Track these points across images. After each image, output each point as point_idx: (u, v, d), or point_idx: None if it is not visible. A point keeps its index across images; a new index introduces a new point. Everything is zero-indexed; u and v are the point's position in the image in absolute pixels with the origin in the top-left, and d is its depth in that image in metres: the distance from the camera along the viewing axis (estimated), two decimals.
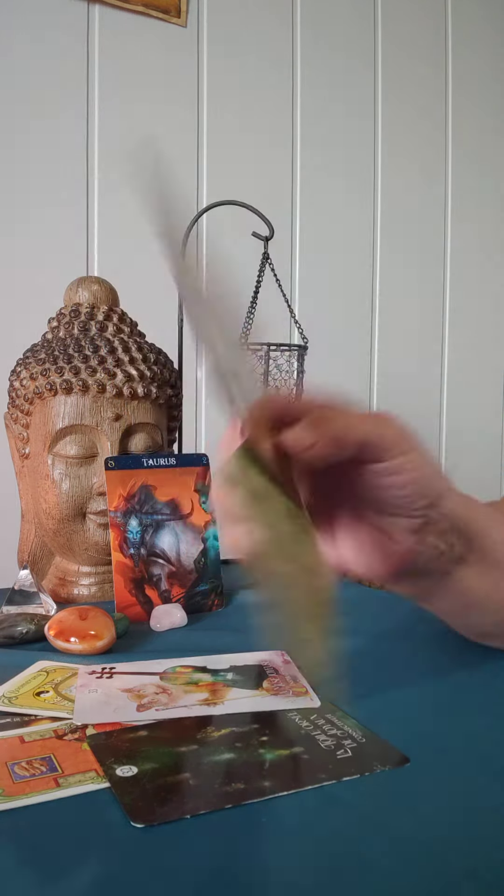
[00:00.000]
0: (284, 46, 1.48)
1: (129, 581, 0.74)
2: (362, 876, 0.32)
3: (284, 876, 0.32)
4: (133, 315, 0.89)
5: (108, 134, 1.29)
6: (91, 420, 0.77)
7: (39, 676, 0.56)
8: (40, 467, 0.79)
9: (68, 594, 0.80)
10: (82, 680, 0.55)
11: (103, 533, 0.77)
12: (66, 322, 0.83)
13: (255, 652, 0.61)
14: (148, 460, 0.77)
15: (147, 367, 0.81)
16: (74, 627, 0.61)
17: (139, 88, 1.32)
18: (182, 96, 1.37)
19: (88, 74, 1.27)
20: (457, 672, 0.58)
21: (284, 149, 1.49)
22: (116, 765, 0.42)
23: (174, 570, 0.76)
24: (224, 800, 0.38)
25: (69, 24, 1.25)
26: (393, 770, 0.41)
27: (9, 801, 0.38)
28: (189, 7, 1.36)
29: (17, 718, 0.49)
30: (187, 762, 0.42)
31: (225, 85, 1.41)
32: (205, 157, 1.39)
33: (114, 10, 1.28)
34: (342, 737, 0.45)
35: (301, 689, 0.53)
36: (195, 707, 0.50)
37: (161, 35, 1.33)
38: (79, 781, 0.40)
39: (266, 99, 1.46)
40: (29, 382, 0.79)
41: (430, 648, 0.64)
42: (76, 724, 0.47)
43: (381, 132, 1.61)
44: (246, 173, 1.44)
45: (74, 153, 1.26)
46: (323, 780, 0.40)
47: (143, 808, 0.37)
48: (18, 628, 0.65)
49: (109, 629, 0.62)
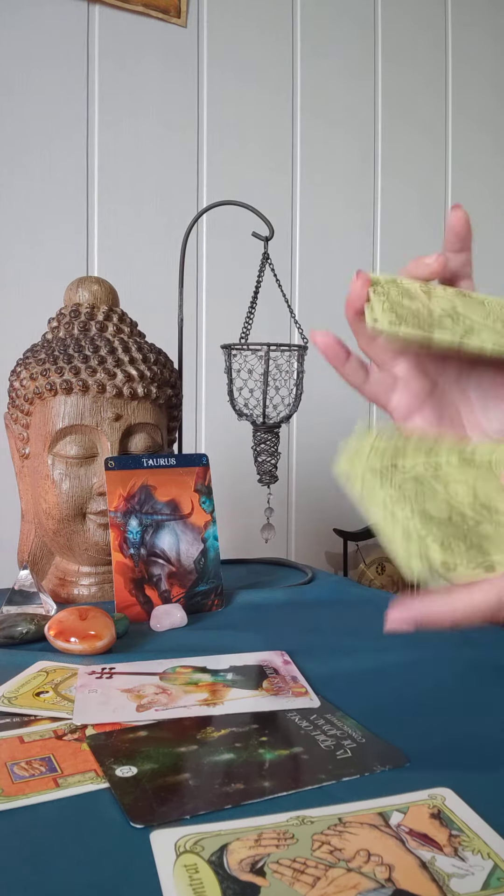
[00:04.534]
0: (284, 46, 1.48)
1: (129, 581, 0.74)
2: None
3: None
4: (133, 315, 0.89)
5: (109, 134, 1.29)
6: (91, 420, 0.77)
7: (39, 676, 0.56)
8: (40, 467, 0.79)
9: (68, 594, 0.80)
10: (82, 680, 0.55)
11: (103, 533, 0.77)
12: (66, 322, 0.83)
13: (255, 652, 0.61)
14: (148, 460, 0.77)
15: (147, 367, 0.81)
16: (74, 627, 0.61)
17: (139, 88, 1.32)
18: (182, 96, 1.37)
19: (88, 74, 1.27)
20: (457, 672, 0.58)
21: (284, 149, 1.49)
22: (116, 765, 0.42)
23: (174, 570, 0.76)
24: (224, 800, 0.38)
25: (69, 24, 1.25)
26: (393, 770, 0.41)
27: (8, 802, 0.38)
28: (189, 7, 1.36)
29: (17, 718, 0.49)
30: (187, 762, 0.42)
31: (225, 85, 1.41)
32: (205, 157, 1.39)
33: (114, 10, 1.28)
34: (342, 737, 0.45)
35: (301, 689, 0.53)
36: (195, 707, 0.50)
37: (161, 35, 1.33)
38: (78, 782, 0.40)
39: (266, 99, 1.46)
40: (29, 382, 0.79)
41: (431, 649, 0.64)
42: (76, 725, 0.47)
43: (381, 133, 1.61)
44: (246, 173, 1.44)
45: (75, 153, 1.26)
46: (323, 780, 0.40)
47: (143, 809, 0.37)
48: (18, 628, 0.65)
49: (109, 629, 0.62)
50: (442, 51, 1.69)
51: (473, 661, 0.60)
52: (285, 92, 1.49)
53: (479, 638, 0.66)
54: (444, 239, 0.44)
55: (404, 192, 1.65)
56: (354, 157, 1.58)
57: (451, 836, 0.34)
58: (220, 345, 0.91)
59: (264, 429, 0.89)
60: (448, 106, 1.71)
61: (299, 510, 1.51)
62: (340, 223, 1.57)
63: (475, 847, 0.34)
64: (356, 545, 1.55)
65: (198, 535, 0.78)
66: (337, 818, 0.36)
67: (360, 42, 1.58)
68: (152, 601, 0.74)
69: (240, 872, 0.32)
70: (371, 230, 1.61)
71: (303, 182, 1.51)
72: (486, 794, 0.38)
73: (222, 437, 1.37)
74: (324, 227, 1.54)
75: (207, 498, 0.79)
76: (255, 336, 0.95)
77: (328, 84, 1.54)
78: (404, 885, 0.31)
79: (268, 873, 0.32)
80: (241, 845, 0.34)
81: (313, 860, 0.33)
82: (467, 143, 1.73)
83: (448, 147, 1.71)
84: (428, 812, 0.36)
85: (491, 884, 0.31)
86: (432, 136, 1.69)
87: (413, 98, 1.65)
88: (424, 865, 0.32)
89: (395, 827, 0.35)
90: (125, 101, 1.31)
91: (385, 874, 0.32)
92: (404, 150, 1.65)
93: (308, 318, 1.46)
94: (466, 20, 1.72)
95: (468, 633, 0.67)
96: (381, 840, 0.34)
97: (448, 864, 0.32)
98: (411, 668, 0.58)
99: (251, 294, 0.93)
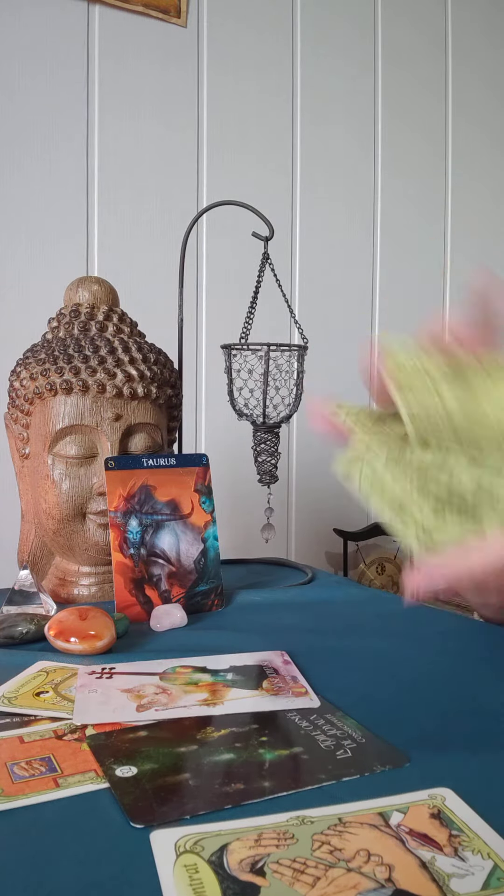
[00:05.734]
0: (284, 46, 1.48)
1: (129, 581, 0.74)
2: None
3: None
4: (133, 315, 0.89)
5: (109, 134, 1.29)
6: (91, 420, 0.77)
7: (39, 676, 0.56)
8: (40, 467, 0.79)
9: (68, 594, 0.80)
10: (82, 680, 0.55)
11: (103, 533, 0.77)
12: (66, 322, 0.83)
13: (255, 652, 0.61)
14: (148, 460, 0.77)
15: (147, 367, 0.81)
16: (74, 627, 0.61)
17: (139, 88, 1.32)
18: (182, 96, 1.37)
19: (88, 74, 1.27)
20: (458, 673, 0.58)
21: (284, 149, 1.49)
22: (116, 765, 0.42)
23: (174, 570, 0.76)
24: (224, 800, 0.38)
25: (69, 23, 1.25)
26: (393, 770, 0.41)
27: (8, 802, 0.38)
28: (189, 7, 1.36)
29: (17, 718, 0.49)
30: (187, 762, 0.42)
31: (225, 85, 1.41)
32: (205, 157, 1.39)
33: (114, 10, 1.28)
34: (342, 737, 0.45)
35: (301, 689, 0.53)
36: (195, 707, 0.50)
37: (161, 35, 1.33)
38: (78, 782, 0.40)
39: (266, 99, 1.46)
40: (29, 382, 0.79)
41: (431, 649, 0.64)
42: (76, 725, 0.47)
43: (381, 133, 1.61)
44: (246, 173, 1.44)
45: (75, 152, 1.26)
46: (322, 781, 0.40)
47: (143, 809, 0.37)
48: (18, 628, 0.65)
49: (109, 629, 0.62)
50: (442, 51, 1.69)
51: (474, 661, 0.60)
52: (285, 92, 1.49)
53: (480, 638, 0.66)
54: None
55: (404, 192, 1.65)
56: (354, 157, 1.58)
57: (451, 836, 0.34)
58: (220, 345, 0.91)
59: (264, 429, 0.89)
60: (448, 106, 1.71)
61: (299, 510, 1.51)
62: (340, 223, 1.57)
63: (475, 847, 0.34)
64: (356, 545, 1.55)
65: (198, 535, 0.78)
66: (337, 818, 0.36)
67: (360, 42, 1.58)
68: (152, 601, 0.74)
69: (240, 872, 0.32)
70: (371, 230, 1.61)
71: (303, 182, 1.51)
72: (486, 794, 0.38)
73: (222, 437, 1.37)
74: (324, 227, 1.54)
75: (207, 498, 0.79)
76: (255, 336, 0.95)
77: (328, 84, 1.54)
78: (404, 885, 0.31)
79: (268, 873, 0.32)
80: (241, 845, 0.34)
81: (313, 860, 0.33)
82: (467, 143, 1.73)
83: (448, 147, 1.71)
84: (428, 812, 0.36)
85: (491, 884, 0.31)
86: (432, 136, 1.69)
87: (413, 98, 1.65)
88: (424, 865, 0.32)
89: (395, 827, 0.35)
90: (125, 102, 1.31)
91: (385, 874, 0.32)
92: (404, 150, 1.65)
93: (308, 318, 1.46)
94: (466, 20, 1.72)
95: (469, 634, 0.68)
96: (381, 840, 0.34)
97: (448, 864, 0.32)
98: (412, 668, 0.58)
99: (251, 294, 0.93)
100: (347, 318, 1.57)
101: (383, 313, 1.62)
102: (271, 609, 0.78)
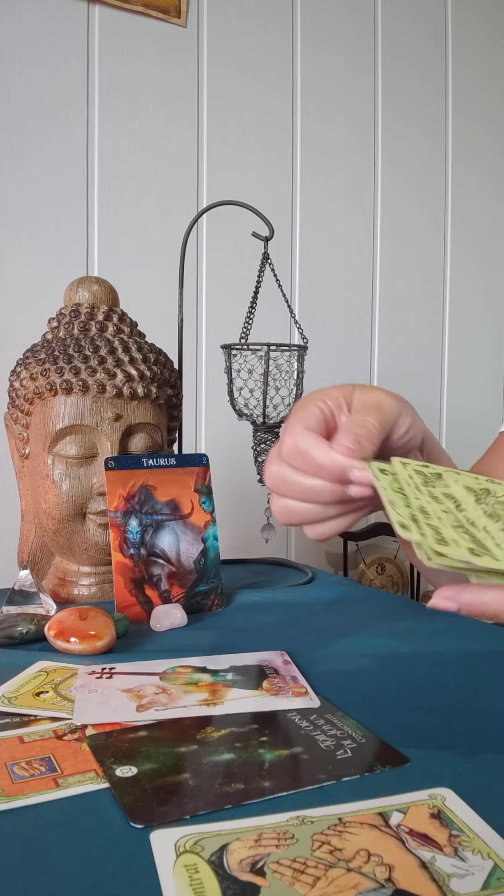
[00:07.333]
0: (284, 45, 1.48)
1: (129, 581, 0.74)
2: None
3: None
4: (133, 315, 0.89)
5: (109, 134, 1.29)
6: (91, 420, 0.77)
7: (39, 676, 0.56)
8: (40, 467, 0.79)
9: (68, 594, 0.80)
10: (82, 680, 0.55)
11: (103, 533, 0.77)
12: (66, 322, 0.83)
13: (255, 652, 0.61)
14: (148, 460, 0.77)
15: (147, 367, 0.81)
16: (74, 627, 0.61)
17: (139, 88, 1.32)
18: (182, 96, 1.37)
19: (88, 74, 1.27)
20: (458, 673, 0.58)
21: (284, 149, 1.49)
22: (116, 765, 0.42)
23: (174, 570, 0.76)
24: (224, 800, 0.38)
25: (69, 23, 1.25)
26: (393, 770, 0.41)
27: (8, 802, 0.38)
28: (189, 7, 1.36)
29: (17, 718, 0.49)
30: (187, 762, 0.42)
31: (225, 85, 1.41)
32: (205, 157, 1.39)
33: (114, 10, 1.28)
34: (342, 737, 0.45)
35: (301, 689, 0.53)
36: (195, 707, 0.50)
37: (161, 35, 1.33)
38: (78, 782, 0.40)
39: (266, 99, 1.46)
40: (29, 382, 0.79)
41: (431, 649, 0.64)
42: (76, 725, 0.47)
43: (381, 133, 1.61)
44: (246, 173, 1.44)
45: (75, 152, 1.26)
46: (322, 781, 0.40)
47: (143, 809, 0.37)
48: (18, 628, 0.65)
49: (109, 629, 0.62)
50: (442, 49, 1.69)
51: (475, 661, 0.60)
52: (285, 91, 1.49)
53: (481, 638, 0.66)
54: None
55: (404, 192, 1.65)
56: (354, 157, 1.58)
57: (451, 836, 0.34)
58: (220, 345, 0.91)
59: (264, 429, 0.89)
60: (448, 105, 1.71)
61: None
62: (340, 223, 1.57)
63: (475, 847, 0.34)
64: (356, 545, 1.56)
65: (198, 535, 0.78)
66: (337, 818, 0.36)
67: (360, 41, 1.58)
68: (152, 601, 0.74)
69: (240, 872, 0.32)
70: (371, 230, 1.61)
71: (303, 182, 1.51)
72: (486, 794, 0.38)
73: (222, 437, 1.37)
74: (324, 227, 1.54)
75: (207, 498, 0.79)
76: (255, 336, 0.95)
77: (328, 83, 1.54)
78: (404, 885, 0.31)
79: (268, 873, 0.32)
80: (241, 845, 0.34)
81: (313, 860, 0.33)
82: (467, 141, 1.73)
83: (448, 147, 1.71)
84: (428, 812, 0.36)
85: (491, 884, 0.31)
86: (432, 136, 1.69)
87: (413, 96, 1.65)
88: (424, 865, 0.32)
89: (395, 827, 0.35)
90: (125, 101, 1.31)
91: (385, 874, 0.32)
92: (404, 149, 1.65)
93: (308, 318, 1.46)
94: (467, 18, 1.72)
95: (469, 633, 0.68)
96: (381, 840, 0.34)
97: (448, 864, 0.32)
98: (412, 669, 0.58)
99: (251, 294, 0.93)
100: (347, 318, 1.57)
101: (383, 313, 1.62)
102: (271, 609, 0.78)
